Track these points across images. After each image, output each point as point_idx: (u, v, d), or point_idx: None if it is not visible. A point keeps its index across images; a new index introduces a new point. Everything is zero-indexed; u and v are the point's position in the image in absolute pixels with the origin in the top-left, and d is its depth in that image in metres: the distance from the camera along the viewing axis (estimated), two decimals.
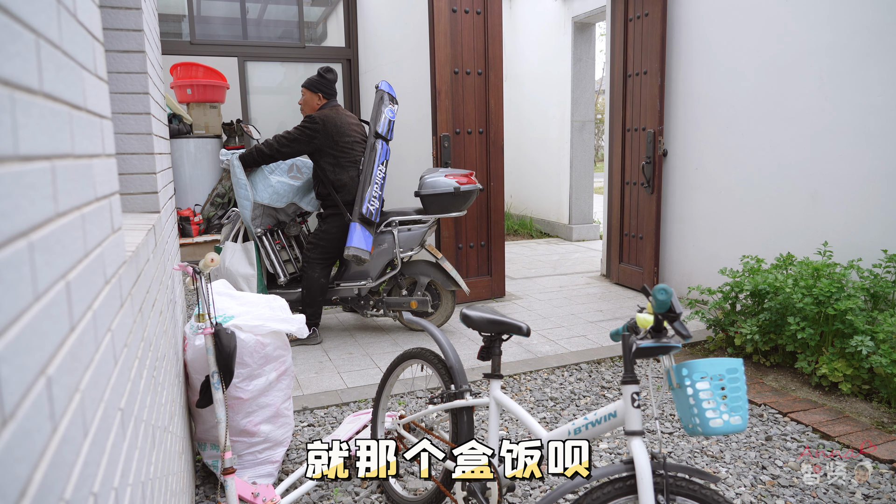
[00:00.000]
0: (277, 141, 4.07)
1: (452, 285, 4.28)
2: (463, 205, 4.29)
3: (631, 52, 5.50)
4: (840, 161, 3.87)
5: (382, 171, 4.09)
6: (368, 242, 3.99)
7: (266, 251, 4.28)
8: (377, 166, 4.06)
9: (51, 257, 0.65)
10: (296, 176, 4.31)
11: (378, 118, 4.14)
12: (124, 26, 2.02)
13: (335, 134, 4.07)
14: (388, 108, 4.20)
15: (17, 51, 0.59)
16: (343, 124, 4.12)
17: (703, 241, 4.99)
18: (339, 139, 4.09)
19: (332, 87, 4.25)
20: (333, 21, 7.75)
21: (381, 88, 4.27)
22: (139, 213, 2.09)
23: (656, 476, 1.50)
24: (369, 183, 4.01)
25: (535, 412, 3.21)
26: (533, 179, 9.13)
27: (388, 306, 4.34)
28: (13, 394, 0.51)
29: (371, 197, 4.01)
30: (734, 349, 3.81)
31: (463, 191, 4.20)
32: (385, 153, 4.12)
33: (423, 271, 4.32)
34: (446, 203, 4.22)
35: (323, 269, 4.19)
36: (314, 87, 4.24)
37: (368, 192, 4.00)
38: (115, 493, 0.89)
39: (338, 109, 4.20)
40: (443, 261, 4.29)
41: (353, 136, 4.16)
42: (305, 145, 4.08)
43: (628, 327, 1.63)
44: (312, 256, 4.17)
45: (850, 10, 3.75)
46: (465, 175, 4.30)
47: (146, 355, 1.38)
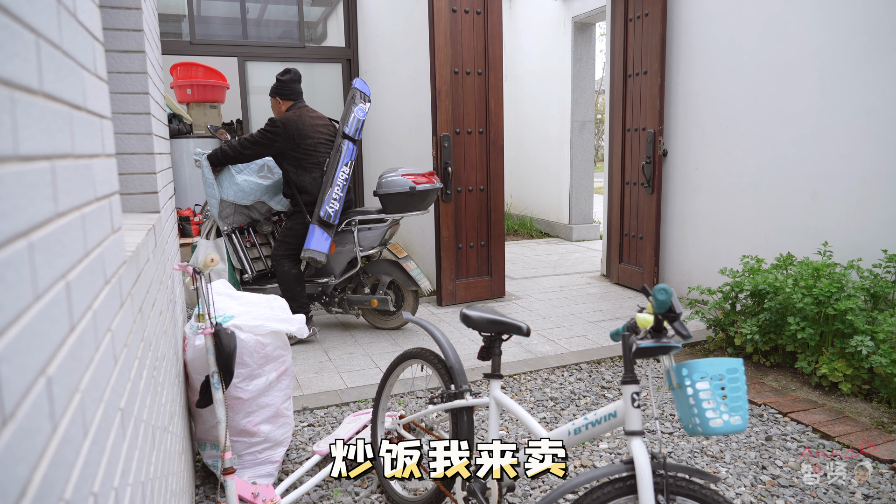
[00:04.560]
0: (240, 143, 4.15)
1: (413, 285, 4.31)
2: (421, 204, 4.32)
3: (631, 52, 5.50)
4: (840, 161, 3.86)
5: (346, 173, 4.11)
6: (325, 244, 4.04)
7: (234, 248, 4.40)
8: (340, 168, 4.09)
9: (51, 257, 0.65)
10: (266, 176, 4.39)
11: (347, 117, 4.17)
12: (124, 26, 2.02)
13: (296, 137, 4.11)
14: (358, 108, 4.22)
15: (17, 51, 0.59)
16: (306, 126, 4.15)
17: (703, 241, 4.99)
18: (301, 142, 4.13)
19: (289, 88, 4.29)
20: (333, 21, 7.75)
21: (355, 86, 4.31)
22: (139, 213, 2.09)
23: (656, 476, 1.50)
24: (330, 185, 4.05)
25: (535, 412, 3.21)
26: (533, 179, 9.13)
27: (350, 304, 4.43)
28: (13, 394, 0.51)
29: (331, 199, 4.04)
30: (734, 349, 3.81)
31: (419, 190, 4.22)
32: (350, 154, 4.14)
33: (385, 270, 4.36)
34: (403, 202, 4.25)
35: (291, 262, 4.25)
36: (272, 92, 4.33)
37: (329, 195, 4.04)
38: (115, 493, 0.89)
39: (301, 111, 4.22)
40: (406, 259, 4.32)
41: (316, 137, 4.19)
42: (266, 148, 4.14)
43: (628, 327, 1.63)
44: (279, 253, 4.26)
45: (850, 11, 3.75)
46: (423, 174, 4.33)
47: (146, 355, 1.38)
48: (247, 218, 4.58)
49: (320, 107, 7.36)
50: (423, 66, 5.30)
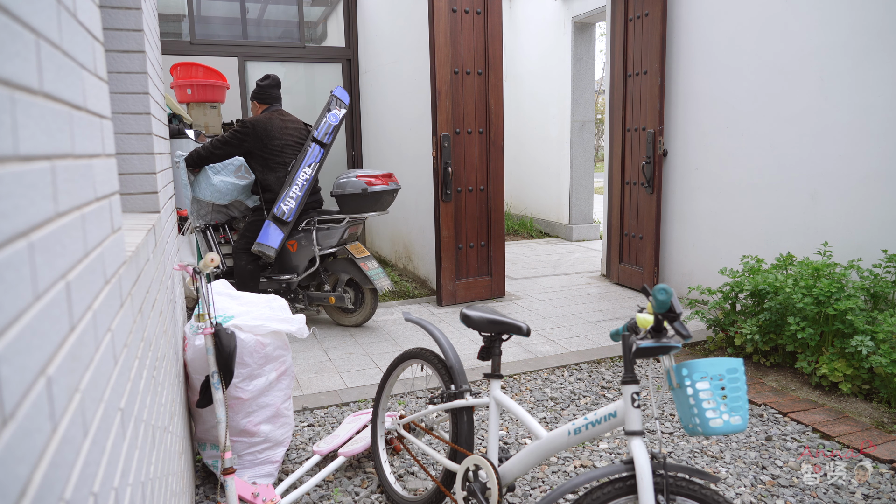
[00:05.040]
0: (213, 144, 4.31)
1: (370, 283, 4.39)
2: (375, 205, 4.42)
3: (631, 52, 5.50)
4: (840, 161, 3.86)
5: (307, 174, 4.25)
6: (277, 240, 4.18)
7: (208, 243, 4.63)
8: (302, 168, 4.24)
9: (51, 257, 0.65)
10: (243, 176, 4.56)
11: (320, 122, 4.34)
12: (124, 26, 2.02)
13: (265, 137, 4.29)
14: (331, 113, 4.39)
15: (17, 51, 0.59)
16: (275, 128, 4.33)
17: (703, 241, 4.99)
18: (269, 142, 4.31)
19: (267, 93, 4.49)
20: (333, 21, 7.75)
21: (334, 93, 4.46)
22: (139, 213, 2.09)
23: (656, 476, 1.50)
24: (290, 184, 4.21)
25: (535, 412, 3.21)
26: (533, 179, 9.13)
27: (310, 300, 4.59)
28: (13, 394, 0.51)
29: (287, 197, 4.19)
30: (734, 349, 3.81)
31: (371, 192, 4.32)
32: (316, 156, 4.28)
33: (344, 269, 4.48)
34: (357, 203, 4.36)
35: (249, 257, 4.40)
36: (252, 96, 4.55)
37: (286, 193, 4.20)
38: (115, 493, 0.89)
39: (272, 114, 4.40)
40: (366, 259, 4.40)
41: (284, 139, 4.37)
42: (236, 148, 4.31)
43: (628, 327, 1.63)
44: (238, 246, 4.43)
45: (850, 11, 3.75)
46: (378, 176, 4.42)
47: (146, 355, 1.38)
48: (225, 216, 4.82)
49: (320, 107, 7.38)
50: (423, 66, 5.30)
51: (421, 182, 5.65)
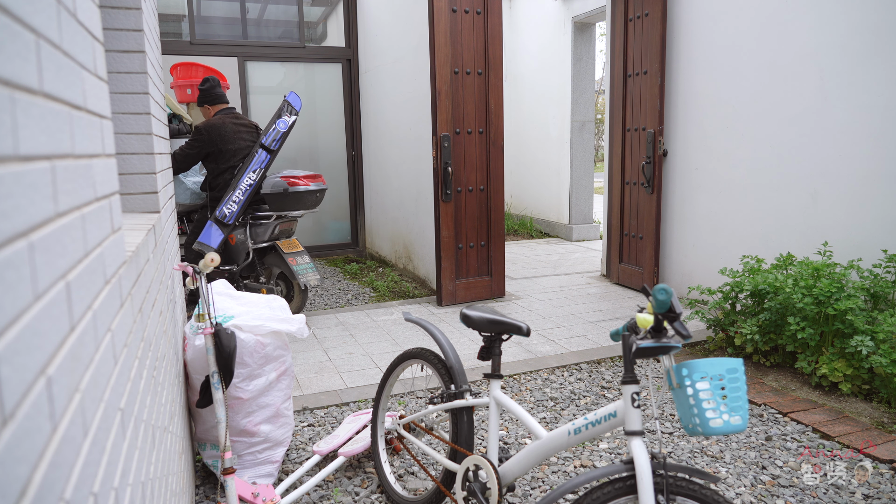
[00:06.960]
0: (175, 157, 4.43)
1: (295, 278, 4.54)
2: (297, 204, 4.53)
3: (631, 52, 5.50)
4: (840, 161, 3.86)
5: (251, 179, 4.34)
6: (216, 240, 4.31)
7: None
8: (247, 173, 4.34)
9: (51, 257, 0.65)
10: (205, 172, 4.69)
11: (269, 128, 4.43)
12: (124, 26, 2.02)
13: (219, 142, 4.41)
14: (281, 120, 4.46)
15: (17, 51, 0.59)
16: (228, 132, 4.44)
17: (703, 241, 4.99)
18: (224, 146, 4.42)
19: (212, 94, 4.60)
20: (333, 21, 7.75)
21: (286, 99, 4.53)
22: (139, 213, 2.09)
23: (656, 476, 1.50)
24: (234, 188, 4.32)
25: (535, 412, 3.21)
26: (533, 179, 9.13)
27: (247, 290, 4.72)
28: (13, 394, 0.51)
29: (230, 201, 4.30)
30: (734, 349, 3.81)
31: (292, 192, 4.45)
32: (262, 162, 4.36)
33: (276, 263, 4.66)
34: (280, 202, 4.49)
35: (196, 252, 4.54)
36: (199, 102, 4.67)
37: (229, 196, 4.32)
38: (115, 493, 0.89)
39: (224, 117, 4.49)
40: (296, 255, 4.54)
41: (237, 143, 4.48)
42: (197, 156, 4.45)
43: (628, 327, 1.63)
44: (189, 240, 4.55)
45: (850, 10, 3.75)
46: (303, 177, 4.53)
47: (146, 355, 1.38)
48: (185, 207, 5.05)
49: (320, 107, 7.39)
50: (423, 66, 5.30)
51: (421, 182, 5.65)
